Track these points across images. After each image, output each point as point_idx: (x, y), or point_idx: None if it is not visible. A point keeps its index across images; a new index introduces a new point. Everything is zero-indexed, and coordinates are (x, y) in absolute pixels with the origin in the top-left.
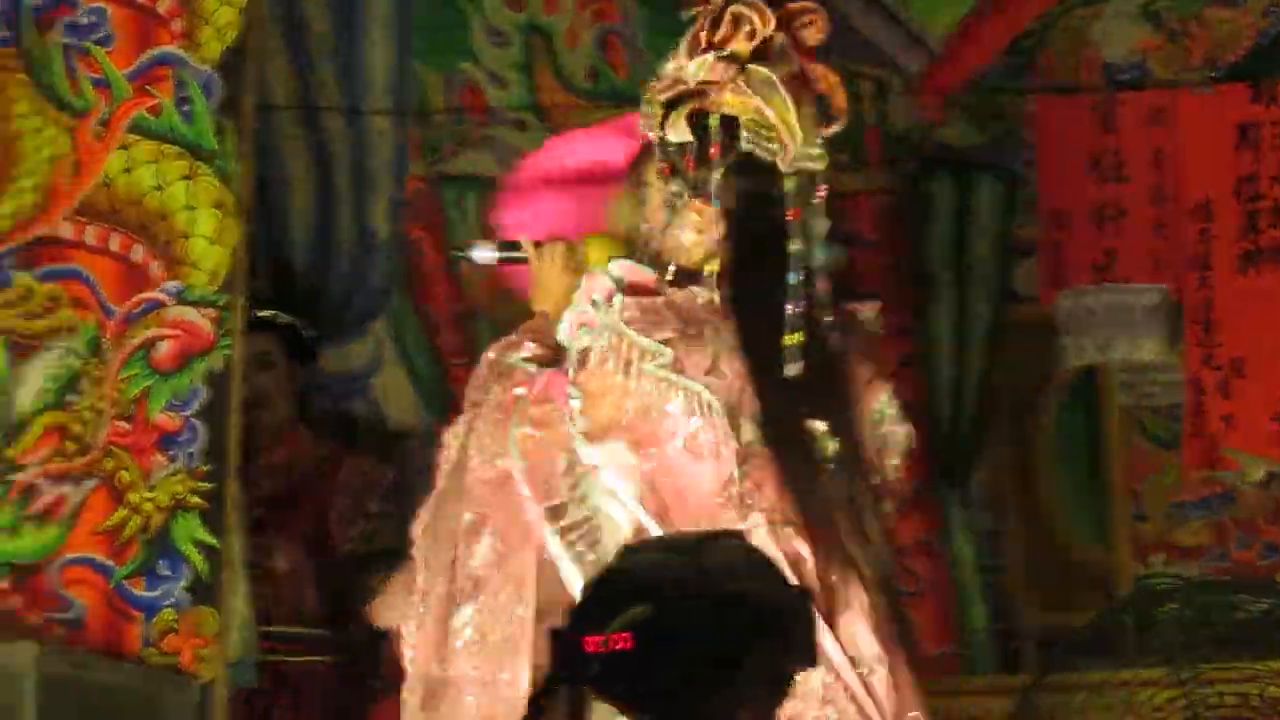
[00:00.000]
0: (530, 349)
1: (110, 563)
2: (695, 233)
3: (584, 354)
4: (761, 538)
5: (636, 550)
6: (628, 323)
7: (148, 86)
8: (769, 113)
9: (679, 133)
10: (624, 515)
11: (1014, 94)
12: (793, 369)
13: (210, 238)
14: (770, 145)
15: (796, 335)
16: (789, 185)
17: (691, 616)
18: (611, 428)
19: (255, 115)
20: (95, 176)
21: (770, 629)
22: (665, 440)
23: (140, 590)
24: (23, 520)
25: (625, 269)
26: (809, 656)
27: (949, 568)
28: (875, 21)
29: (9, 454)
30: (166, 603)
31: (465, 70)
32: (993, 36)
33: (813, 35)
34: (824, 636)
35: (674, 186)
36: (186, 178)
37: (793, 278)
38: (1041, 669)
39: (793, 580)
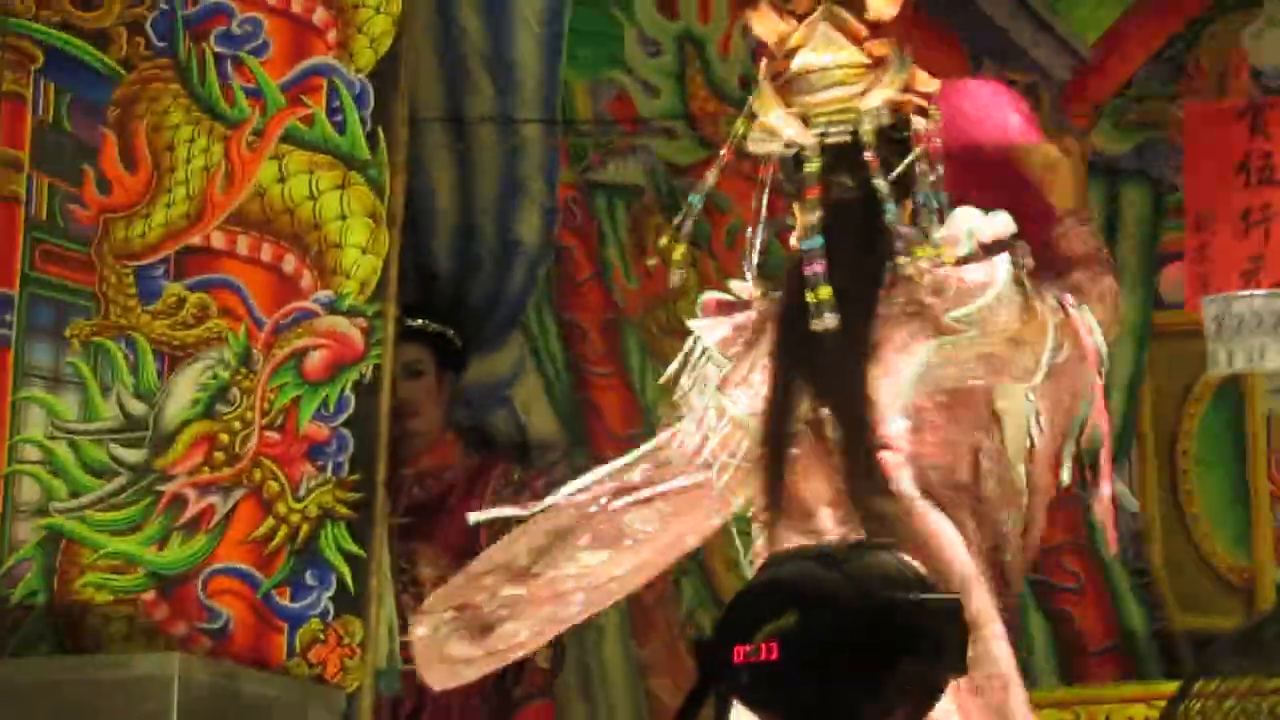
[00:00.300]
0: None
1: (257, 573)
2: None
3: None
4: None
5: (782, 560)
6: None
7: (301, 96)
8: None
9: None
10: None
11: (1162, 101)
12: (821, 323)
13: (362, 247)
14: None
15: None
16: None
17: (839, 626)
18: None
19: (407, 125)
20: (248, 186)
21: (921, 638)
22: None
23: (286, 600)
24: (171, 530)
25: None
26: (960, 665)
27: (1101, 568)
28: (1025, 27)
29: (158, 464)
30: (313, 613)
31: (615, 78)
32: (1142, 43)
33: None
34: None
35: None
36: (339, 187)
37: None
38: (1190, 675)
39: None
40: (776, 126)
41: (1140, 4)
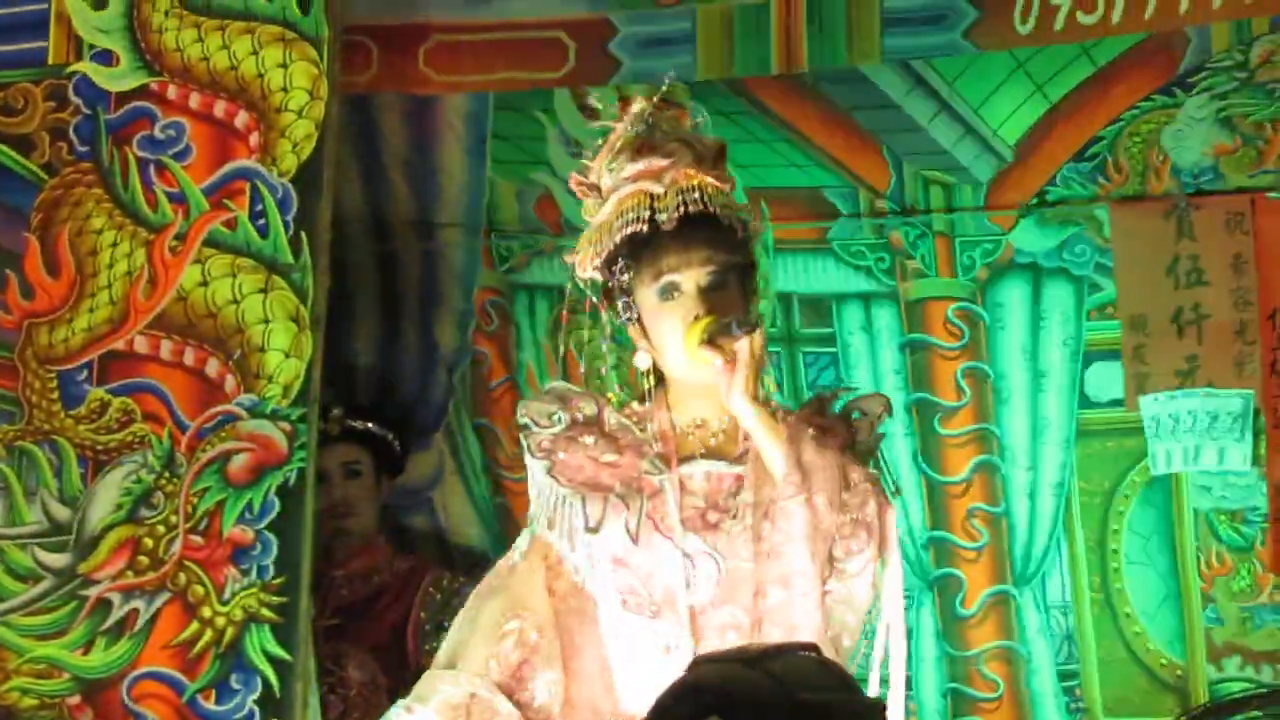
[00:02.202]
0: None
1: (182, 677)
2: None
3: None
4: None
5: (707, 661)
6: None
7: (224, 200)
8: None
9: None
10: None
11: (1084, 200)
12: None
13: (285, 351)
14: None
15: None
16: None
17: None
18: None
19: (329, 229)
20: (171, 290)
21: None
22: None
23: (212, 704)
24: (96, 635)
25: None
26: None
27: (1025, 672)
28: (948, 128)
29: (82, 569)
30: (238, 716)
31: (539, 180)
32: (1064, 142)
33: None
34: None
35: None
36: (262, 291)
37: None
38: None
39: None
40: None
41: (1063, 104)
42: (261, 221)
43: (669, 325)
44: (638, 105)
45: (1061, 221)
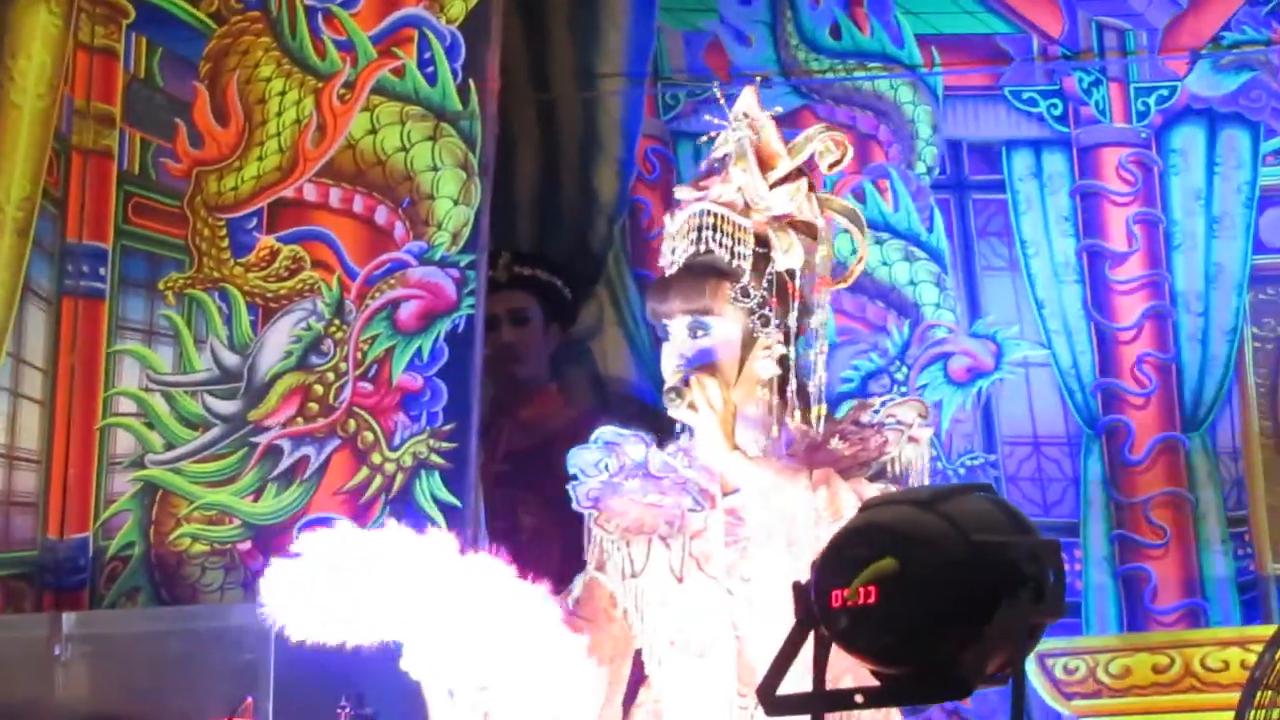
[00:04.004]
0: None
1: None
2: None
3: None
4: None
5: (878, 504)
6: None
7: (392, 48)
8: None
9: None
10: None
11: (1260, 43)
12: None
13: (454, 198)
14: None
15: None
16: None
17: (938, 569)
18: None
19: (499, 76)
20: (339, 138)
21: (1020, 580)
22: None
23: None
24: (266, 481)
25: None
26: (1059, 607)
27: (1193, 520)
28: None
29: (252, 416)
30: None
31: (707, 28)
32: None
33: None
34: None
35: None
36: (431, 139)
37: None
38: None
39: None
40: None
41: None
42: (430, 69)
43: (665, 366)
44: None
45: (1237, 66)
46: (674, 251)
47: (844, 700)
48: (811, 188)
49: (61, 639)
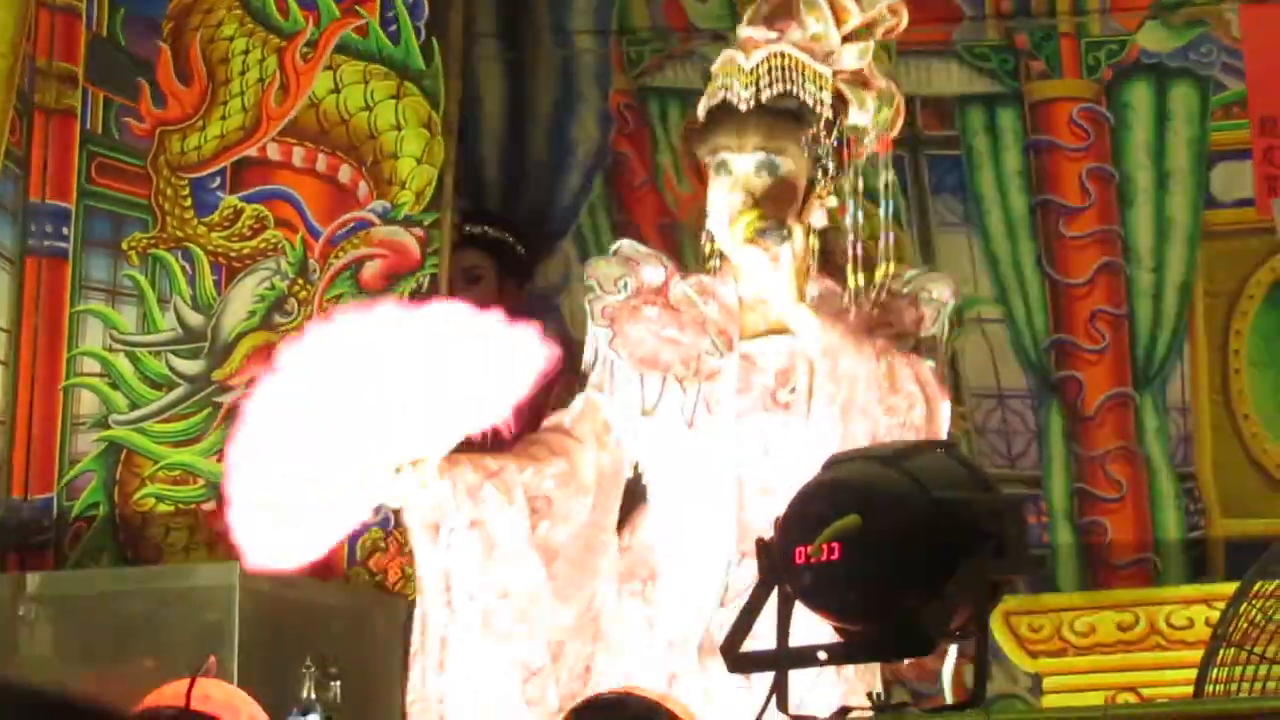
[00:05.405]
0: None
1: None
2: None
3: None
4: None
5: (842, 460)
6: None
7: (355, 6)
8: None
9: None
10: None
11: (1212, 2)
12: None
13: (417, 157)
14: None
15: None
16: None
17: (902, 525)
18: None
19: (462, 34)
20: (302, 97)
21: (983, 537)
22: None
23: None
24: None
25: None
26: (1021, 564)
27: (1147, 473)
28: None
29: (216, 375)
30: (374, 521)
31: None
32: None
33: None
34: None
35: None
36: (394, 97)
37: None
38: (1249, 576)
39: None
40: None
41: None
42: (393, 28)
43: (714, 201)
44: None
45: (1188, 22)
46: (748, 88)
47: (807, 657)
48: None
49: (26, 599)
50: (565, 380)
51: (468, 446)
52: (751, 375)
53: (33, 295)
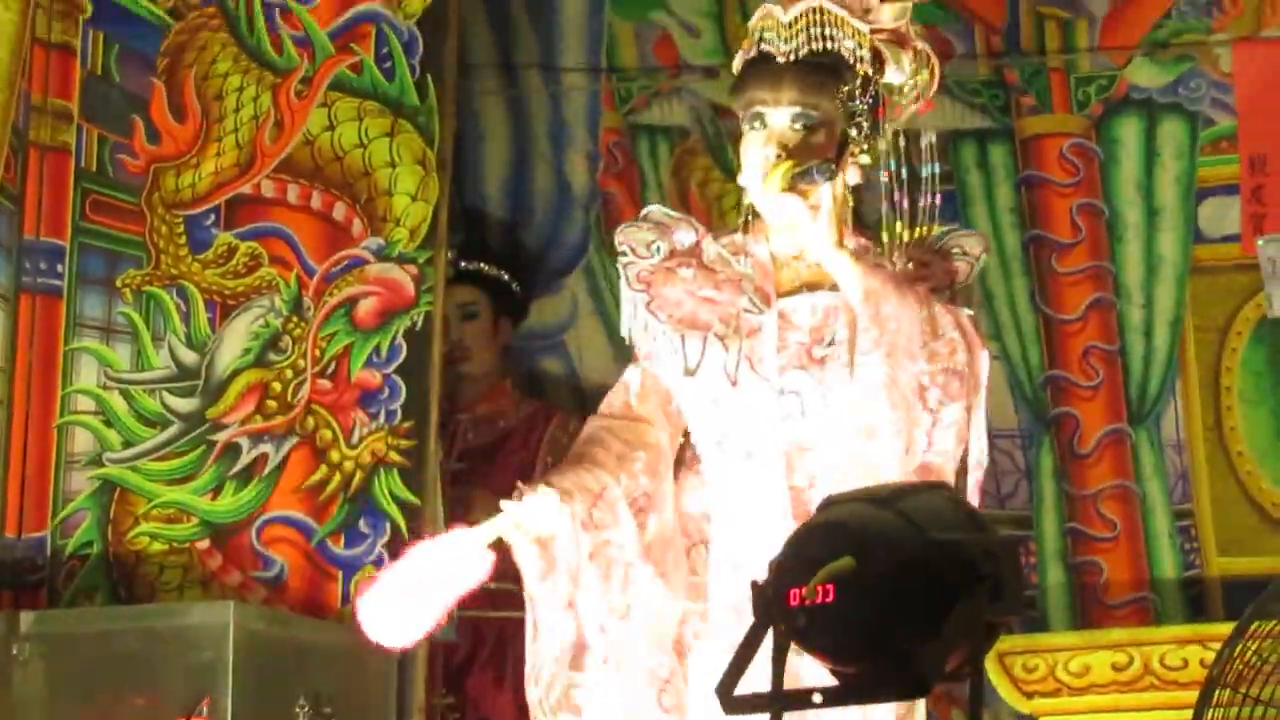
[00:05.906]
0: None
1: (311, 521)
2: None
3: None
4: None
5: (838, 501)
6: None
7: (350, 44)
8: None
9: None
10: None
11: (1199, 33)
12: None
13: (412, 194)
14: None
15: None
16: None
17: (896, 567)
18: None
19: (456, 71)
20: (297, 134)
21: (978, 578)
22: None
23: (340, 548)
24: (224, 479)
25: None
26: (1016, 605)
27: (1141, 511)
28: None
29: (210, 413)
30: (367, 559)
31: (657, 20)
32: None
33: None
34: None
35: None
36: (388, 135)
37: None
38: (1246, 616)
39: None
40: None
41: None
42: (387, 65)
43: (749, 155)
44: None
45: (1177, 57)
46: (787, 41)
47: (802, 700)
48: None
49: (19, 638)
50: (563, 419)
51: None
52: (787, 333)
53: (27, 333)
